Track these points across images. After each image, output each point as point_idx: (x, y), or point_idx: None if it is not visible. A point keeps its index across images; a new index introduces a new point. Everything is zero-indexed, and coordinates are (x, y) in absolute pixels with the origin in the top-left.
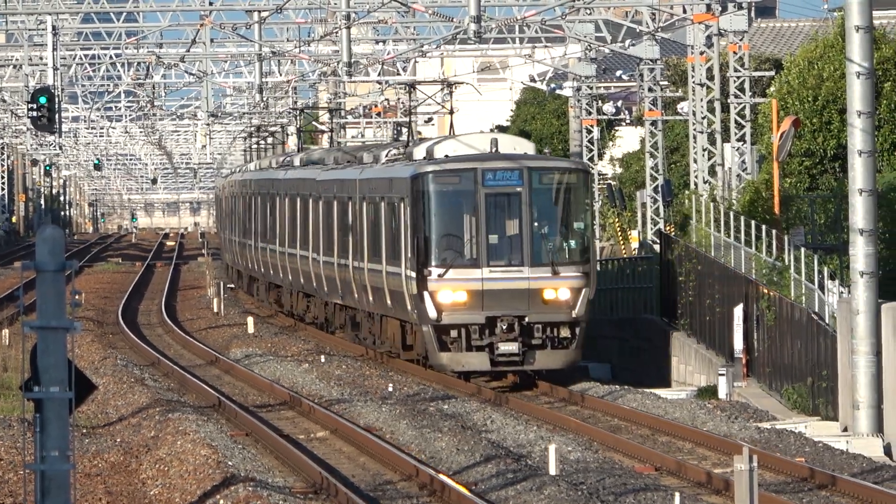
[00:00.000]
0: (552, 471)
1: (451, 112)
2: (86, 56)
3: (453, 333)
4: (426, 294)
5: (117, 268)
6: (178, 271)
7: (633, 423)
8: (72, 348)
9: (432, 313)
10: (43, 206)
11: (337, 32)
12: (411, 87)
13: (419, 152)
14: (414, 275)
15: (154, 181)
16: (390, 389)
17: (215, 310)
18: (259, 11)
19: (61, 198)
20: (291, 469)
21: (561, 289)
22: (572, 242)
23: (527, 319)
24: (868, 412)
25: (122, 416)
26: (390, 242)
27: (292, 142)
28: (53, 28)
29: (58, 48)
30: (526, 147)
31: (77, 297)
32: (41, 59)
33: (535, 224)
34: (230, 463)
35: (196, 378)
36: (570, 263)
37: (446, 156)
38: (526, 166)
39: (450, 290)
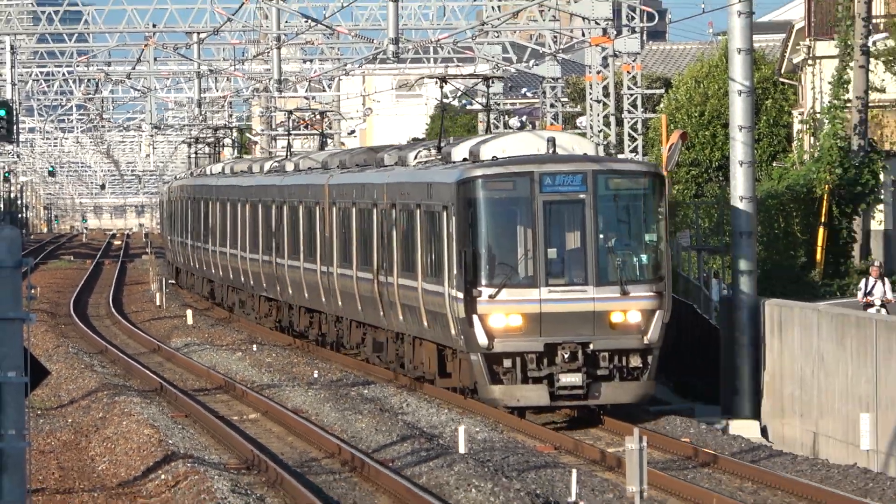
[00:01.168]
0: (462, 449)
1: (489, 109)
2: (41, 73)
3: (506, 363)
4: (475, 318)
5: (69, 265)
6: (124, 268)
7: (534, 407)
8: (28, 337)
9: (483, 340)
10: (2, 209)
11: (268, 52)
12: (443, 80)
13: (459, 152)
14: (461, 295)
15: (103, 186)
16: (315, 375)
17: (158, 303)
18: (198, 33)
19: (19, 201)
20: (226, 447)
21: (631, 311)
22: (644, 257)
23: (591, 347)
24: (747, 398)
25: (73, 399)
26: (428, 256)
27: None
28: (11, 47)
29: (15, 66)
30: (586, 147)
31: (33, 291)
32: (0, 75)
33: (601, 236)
34: (171, 441)
35: (140, 365)
36: (641, 282)
37: (494, 157)
38: (591, 169)
39: (502, 314)
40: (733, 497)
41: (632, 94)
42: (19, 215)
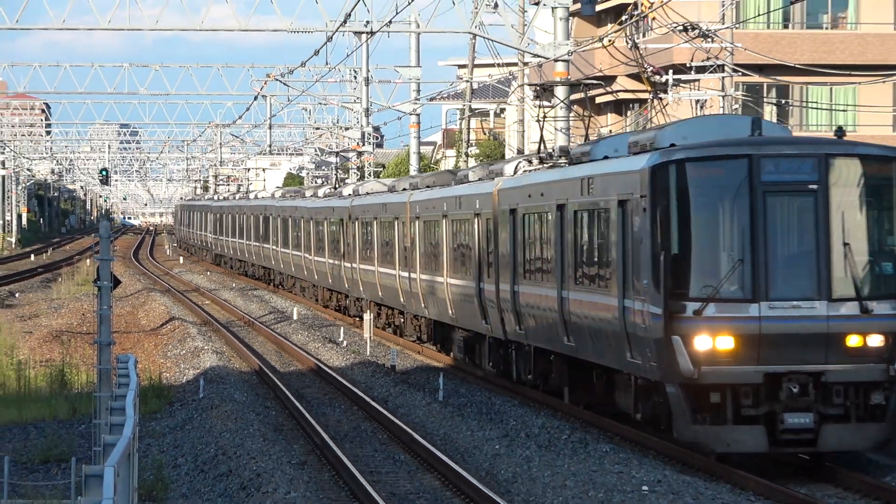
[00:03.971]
0: (295, 318)
1: (589, 116)
2: (120, 157)
3: (714, 397)
4: (676, 339)
5: (132, 237)
6: (154, 239)
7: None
8: (113, 268)
9: (686, 367)
10: (104, 213)
11: (214, 150)
12: (542, 88)
13: (603, 149)
14: (656, 310)
15: (145, 204)
16: (234, 286)
17: (168, 254)
18: (186, 141)
19: (110, 210)
20: (196, 314)
21: (873, 334)
22: (890, 266)
23: (824, 378)
24: None
25: (130, 294)
26: (578, 260)
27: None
28: (108, 146)
29: (109, 154)
30: (782, 133)
31: (114, 248)
32: (104, 157)
33: (836, 238)
34: (172, 312)
35: (159, 279)
36: (886, 297)
37: (672, 145)
38: (824, 153)
39: (708, 335)
40: None
41: (369, 172)
42: (110, 216)
